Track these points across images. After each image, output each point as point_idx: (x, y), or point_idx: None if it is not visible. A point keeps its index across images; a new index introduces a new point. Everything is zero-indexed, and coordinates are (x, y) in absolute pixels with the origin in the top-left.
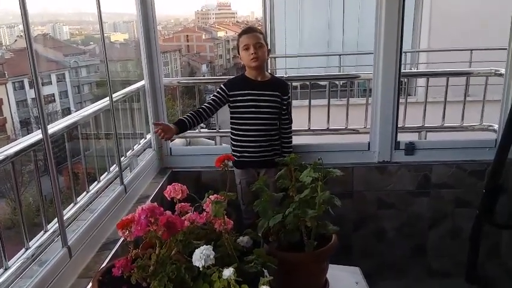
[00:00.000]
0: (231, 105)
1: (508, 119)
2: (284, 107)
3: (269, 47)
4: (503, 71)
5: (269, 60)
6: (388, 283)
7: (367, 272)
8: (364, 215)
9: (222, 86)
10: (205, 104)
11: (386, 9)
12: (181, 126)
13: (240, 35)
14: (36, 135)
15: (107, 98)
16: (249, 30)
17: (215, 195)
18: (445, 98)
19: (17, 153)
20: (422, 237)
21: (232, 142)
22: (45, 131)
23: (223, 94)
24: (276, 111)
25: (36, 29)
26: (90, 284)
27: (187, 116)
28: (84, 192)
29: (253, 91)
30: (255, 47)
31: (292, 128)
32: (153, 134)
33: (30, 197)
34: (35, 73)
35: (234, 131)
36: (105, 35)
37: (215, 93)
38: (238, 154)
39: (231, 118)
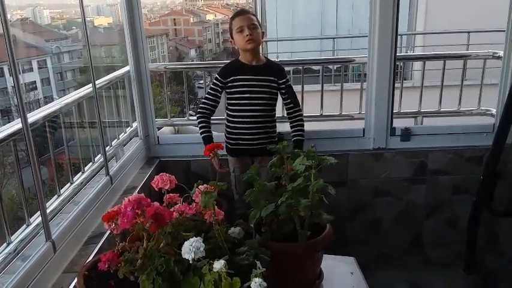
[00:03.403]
0: (226, 91)
1: (507, 103)
2: (283, 91)
3: (263, 30)
4: (501, 53)
5: (261, 44)
6: (385, 273)
7: (363, 262)
8: (360, 204)
9: (216, 75)
10: (204, 102)
11: None
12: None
13: (232, 18)
14: (15, 125)
15: (90, 85)
16: (242, 12)
17: (205, 185)
18: (442, 82)
19: None
20: (420, 226)
21: (227, 129)
22: (24, 120)
23: (220, 84)
24: (273, 97)
25: (15, 13)
26: (76, 279)
27: (205, 128)
28: (68, 184)
29: (248, 76)
30: (250, 28)
31: (285, 115)
32: (140, 122)
33: (13, 190)
34: (12, 60)
35: (228, 117)
36: (88, 18)
37: (211, 86)
38: (232, 141)
39: (227, 104)
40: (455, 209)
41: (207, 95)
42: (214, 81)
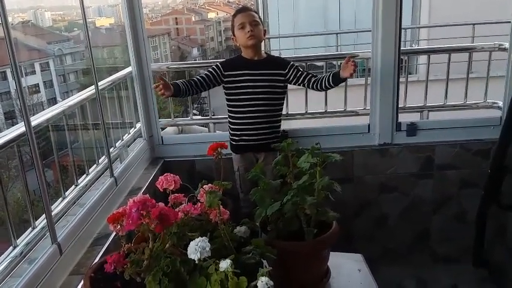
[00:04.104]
0: (226, 86)
1: None
2: (293, 75)
3: (265, 27)
4: (507, 45)
5: (263, 42)
6: (392, 269)
7: (370, 259)
8: (366, 200)
9: (218, 64)
10: (196, 77)
11: None
12: (176, 89)
13: (234, 15)
14: (19, 128)
15: (93, 87)
16: (243, 9)
17: (209, 184)
18: (447, 76)
19: None
20: (427, 221)
21: (230, 126)
22: (28, 123)
23: (218, 72)
24: (276, 91)
25: (17, 16)
26: (82, 281)
27: (180, 81)
28: (73, 186)
29: (250, 71)
30: (251, 24)
31: (289, 112)
32: (143, 123)
33: (18, 193)
34: (14, 63)
35: (231, 114)
36: (89, 20)
37: (209, 69)
38: (236, 138)
39: (228, 100)
40: (463, 203)
41: (202, 74)
42: (214, 66)
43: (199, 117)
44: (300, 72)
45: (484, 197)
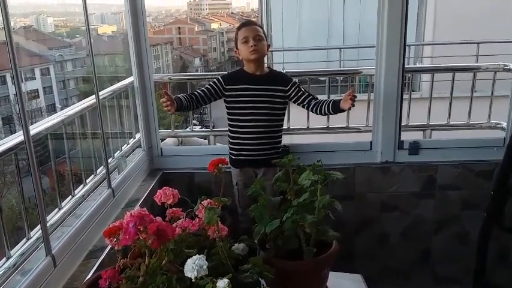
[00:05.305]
0: (227, 99)
1: None
2: (294, 92)
3: (268, 42)
4: None
5: (266, 56)
6: None
7: (370, 278)
8: (367, 219)
9: (219, 77)
10: (197, 91)
11: None
12: (178, 105)
13: (238, 29)
14: (17, 137)
15: (93, 96)
16: (248, 23)
17: (208, 200)
18: (451, 95)
19: None
20: (428, 242)
21: (230, 140)
22: (27, 134)
23: (219, 86)
24: (277, 107)
25: (19, 21)
26: None
27: (182, 96)
28: (69, 197)
29: (251, 85)
30: (255, 39)
31: (290, 126)
32: (143, 133)
33: (13, 199)
34: (15, 70)
35: (231, 128)
36: (91, 27)
37: (211, 83)
38: (235, 152)
39: (228, 114)
40: (465, 224)
41: (203, 88)
42: (215, 80)
43: (199, 128)
44: (302, 92)
45: (486, 219)
